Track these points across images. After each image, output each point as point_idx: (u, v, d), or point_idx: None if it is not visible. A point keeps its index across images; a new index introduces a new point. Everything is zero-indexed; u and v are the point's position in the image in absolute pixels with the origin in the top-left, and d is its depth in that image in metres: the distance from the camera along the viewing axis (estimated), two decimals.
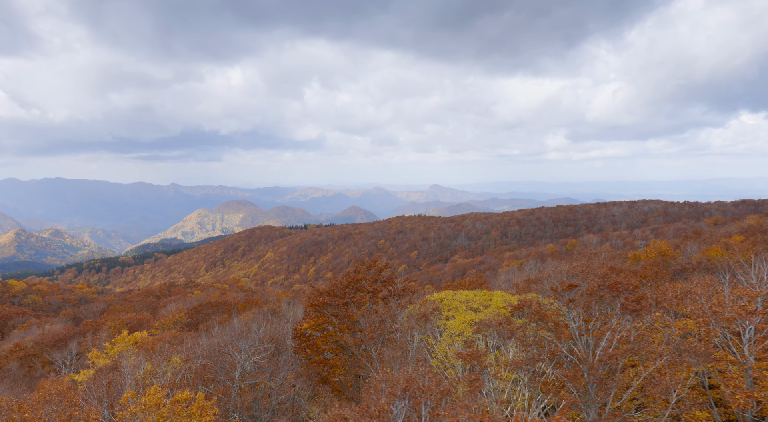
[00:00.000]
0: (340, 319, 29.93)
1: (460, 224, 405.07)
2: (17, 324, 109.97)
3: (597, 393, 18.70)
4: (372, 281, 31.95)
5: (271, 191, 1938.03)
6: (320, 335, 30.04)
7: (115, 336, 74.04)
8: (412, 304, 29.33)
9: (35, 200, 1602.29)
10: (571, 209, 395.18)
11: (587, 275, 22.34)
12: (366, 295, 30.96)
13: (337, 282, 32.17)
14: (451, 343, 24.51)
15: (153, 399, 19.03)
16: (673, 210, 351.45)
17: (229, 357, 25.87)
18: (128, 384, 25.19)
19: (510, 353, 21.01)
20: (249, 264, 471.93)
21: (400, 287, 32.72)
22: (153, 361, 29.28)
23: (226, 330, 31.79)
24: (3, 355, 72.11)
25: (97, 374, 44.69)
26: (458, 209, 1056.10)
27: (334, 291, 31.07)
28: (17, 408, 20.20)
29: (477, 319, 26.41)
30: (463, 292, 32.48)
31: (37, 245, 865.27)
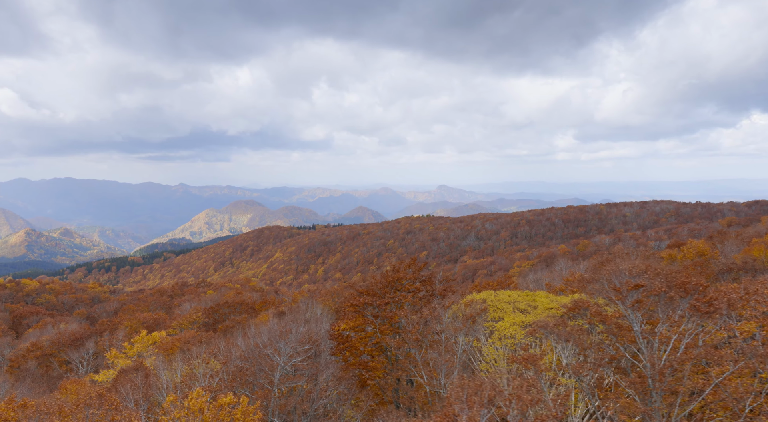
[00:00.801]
0: (381, 320, 28.99)
1: (470, 224, 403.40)
2: (31, 323, 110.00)
3: (663, 401, 17.69)
4: (412, 280, 31.01)
5: (278, 192, 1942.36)
6: (358, 336, 29.12)
7: (132, 336, 73.55)
8: (456, 305, 28.35)
9: (45, 200, 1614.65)
10: (582, 209, 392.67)
11: (653, 274, 21.28)
12: (407, 295, 29.99)
13: (375, 282, 31.25)
14: (502, 346, 23.50)
15: (196, 404, 18.19)
16: (686, 211, 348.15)
17: (268, 359, 24.98)
18: (165, 386, 24.41)
19: (565, 357, 20.00)
20: (258, 264, 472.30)
21: (441, 287, 31.77)
22: (189, 362, 28.45)
23: (262, 330, 30.95)
24: (20, 354, 71.79)
25: (120, 374, 44.03)
26: (466, 209, 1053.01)
27: (374, 291, 30.13)
28: (58, 411, 19.46)
29: (527, 321, 25.41)
30: (506, 292, 31.45)
31: (47, 245, 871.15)
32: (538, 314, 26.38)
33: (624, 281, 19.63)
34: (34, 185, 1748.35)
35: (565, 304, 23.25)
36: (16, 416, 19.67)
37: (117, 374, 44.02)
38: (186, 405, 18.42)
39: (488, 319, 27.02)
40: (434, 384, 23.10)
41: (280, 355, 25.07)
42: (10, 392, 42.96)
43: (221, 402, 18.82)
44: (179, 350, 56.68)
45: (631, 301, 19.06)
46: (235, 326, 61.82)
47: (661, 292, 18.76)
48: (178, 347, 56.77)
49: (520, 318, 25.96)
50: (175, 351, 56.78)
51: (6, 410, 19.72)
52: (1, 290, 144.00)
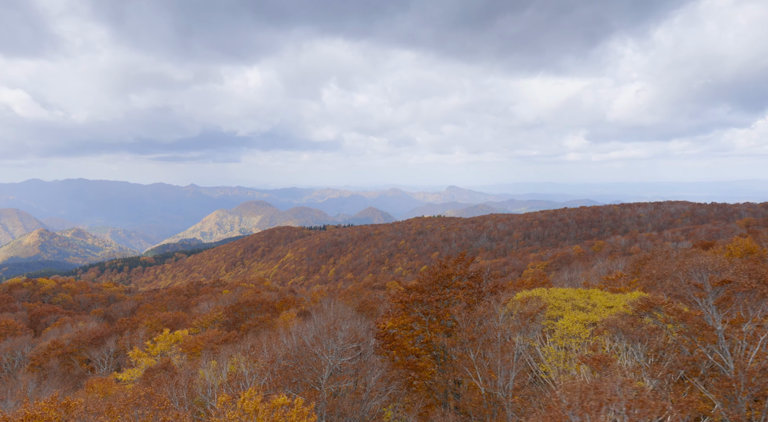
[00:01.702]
0: (430, 318, 27.80)
1: (482, 224, 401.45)
2: (49, 322, 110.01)
3: (749, 406, 16.43)
4: (461, 276, 29.81)
5: (288, 192, 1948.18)
6: (406, 334, 27.95)
7: (152, 335, 72.96)
8: (511, 302, 27.08)
9: (58, 201, 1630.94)
10: (595, 210, 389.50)
11: (740, 271, 19.98)
12: (459, 291, 28.76)
13: (424, 278, 30.06)
14: (564, 346, 22.27)
15: (251, 404, 17.17)
16: (701, 211, 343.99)
17: (315, 358, 23.87)
18: (210, 385, 23.44)
19: (634, 358, 18.78)
20: (269, 264, 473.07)
21: (491, 283, 30.56)
22: (233, 361, 27.47)
23: (308, 327, 29.83)
24: (41, 353, 71.41)
25: (147, 373, 43.24)
26: (475, 210, 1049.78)
27: (422, 287, 28.95)
28: (107, 411, 18.55)
29: (590, 319, 24.13)
30: (559, 290, 30.15)
31: (60, 245, 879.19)
32: (600, 313, 25.08)
33: (708, 277, 18.31)
34: (48, 185, 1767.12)
35: (632, 301, 21.96)
36: (59, 416, 18.81)
37: (144, 373, 43.24)
38: (240, 407, 17.41)
39: (545, 317, 25.81)
40: (490, 386, 21.91)
41: (329, 353, 23.95)
42: (38, 390, 42.32)
43: (275, 403, 17.80)
44: (203, 349, 55.91)
45: (716, 298, 17.80)
46: (259, 325, 60.99)
47: (750, 289, 17.51)
48: (202, 346, 55.99)
49: (581, 316, 24.64)
50: (199, 350, 56.03)
51: (48, 409, 18.88)
52: (18, 289, 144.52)
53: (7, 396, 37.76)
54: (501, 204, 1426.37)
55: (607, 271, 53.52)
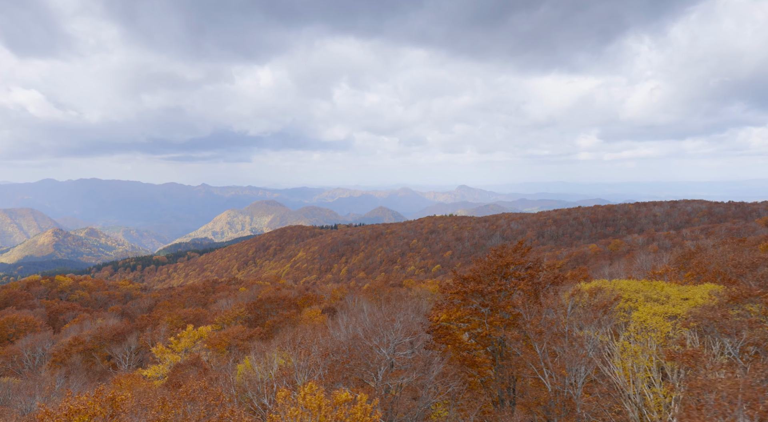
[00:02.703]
0: (489, 310, 26.19)
1: (495, 223, 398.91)
2: (68, 319, 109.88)
3: None
4: (519, 266, 28.19)
5: (299, 192, 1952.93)
6: (462, 328, 26.46)
7: (173, 331, 72.10)
8: (579, 294, 25.48)
9: (72, 200, 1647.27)
10: (610, 208, 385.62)
11: None
12: (519, 282, 27.11)
13: (479, 267, 28.48)
14: (643, 340, 20.60)
15: (314, 400, 15.81)
16: (718, 210, 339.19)
17: (369, 352, 22.45)
18: (259, 379, 22.16)
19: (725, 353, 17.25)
20: (281, 263, 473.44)
21: (551, 274, 28.98)
22: (283, 355, 26.13)
23: (362, 318, 28.42)
24: (63, 349, 70.82)
25: (176, 369, 42.17)
26: (486, 210, 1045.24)
27: (479, 277, 27.38)
28: (160, 405, 17.35)
29: (670, 311, 22.48)
30: (622, 281, 28.51)
31: (74, 244, 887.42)
32: (678, 305, 23.39)
33: None
34: (61, 185, 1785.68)
35: (717, 292, 20.37)
36: (104, 411, 17.64)
37: (172, 369, 42.15)
38: (301, 402, 16.06)
39: (616, 310, 24.15)
40: (558, 383, 20.43)
41: (386, 347, 22.50)
42: (65, 386, 41.41)
43: (338, 399, 16.43)
44: (229, 345, 54.82)
45: None
46: (284, 321, 59.83)
47: None
48: (227, 342, 54.91)
49: (659, 308, 22.97)
50: (224, 346, 54.95)
51: (93, 404, 17.72)
52: (36, 286, 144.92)
53: (35, 392, 36.91)
54: (512, 204, 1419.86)
55: (651, 265, 51.66)
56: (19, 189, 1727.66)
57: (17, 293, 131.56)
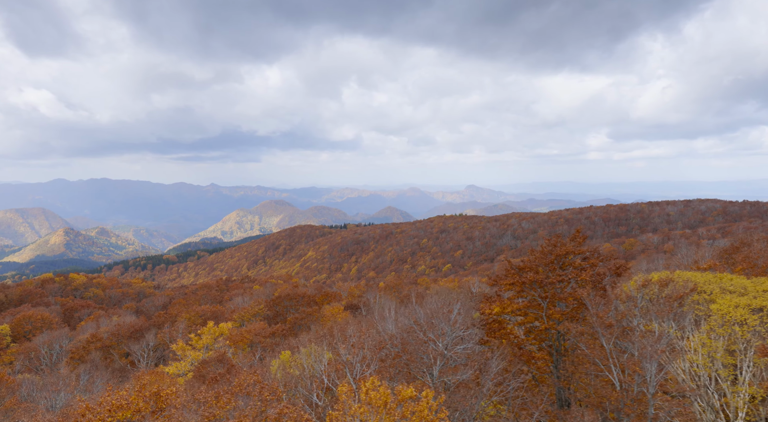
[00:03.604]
0: (548, 302, 24.73)
1: (506, 223, 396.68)
2: (83, 316, 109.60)
3: None
4: (578, 255, 26.66)
5: (307, 192, 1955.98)
6: (516, 321, 25.06)
7: (191, 329, 71.24)
8: (648, 285, 24.02)
9: (82, 200, 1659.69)
10: (622, 208, 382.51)
11: None
12: (581, 272, 25.59)
13: (535, 257, 27.05)
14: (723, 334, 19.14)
15: (380, 396, 14.56)
16: (733, 210, 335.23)
17: (423, 346, 21.11)
18: (308, 375, 20.98)
19: None
20: (290, 263, 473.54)
21: (612, 264, 27.51)
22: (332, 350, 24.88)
23: (415, 309, 27.07)
24: (81, 346, 70.18)
25: (201, 366, 41.15)
26: (495, 209, 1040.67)
27: (536, 267, 25.94)
28: (214, 401, 16.24)
29: (753, 304, 20.92)
30: (686, 272, 27.08)
31: (85, 244, 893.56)
32: (759, 296, 21.84)
33: None
34: (72, 185, 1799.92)
35: None
36: (147, 406, 16.56)
37: (198, 365, 41.12)
38: (364, 398, 14.85)
39: (689, 302, 22.67)
40: (629, 381, 19.04)
41: (441, 340, 21.11)
42: (90, 382, 40.54)
43: (404, 395, 15.16)
44: (251, 341, 53.80)
45: None
46: (306, 318, 58.76)
47: None
48: (249, 339, 53.90)
49: (743, 300, 21.37)
50: (245, 343, 53.93)
51: (136, 399, 16.64)
52: (50, 284, 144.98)
53: (60, 388, 36.03)
54: (520, 204, 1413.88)
55: (692, 260, 50.01)
56: (31, 189, 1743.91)
57: (32, 291, 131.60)
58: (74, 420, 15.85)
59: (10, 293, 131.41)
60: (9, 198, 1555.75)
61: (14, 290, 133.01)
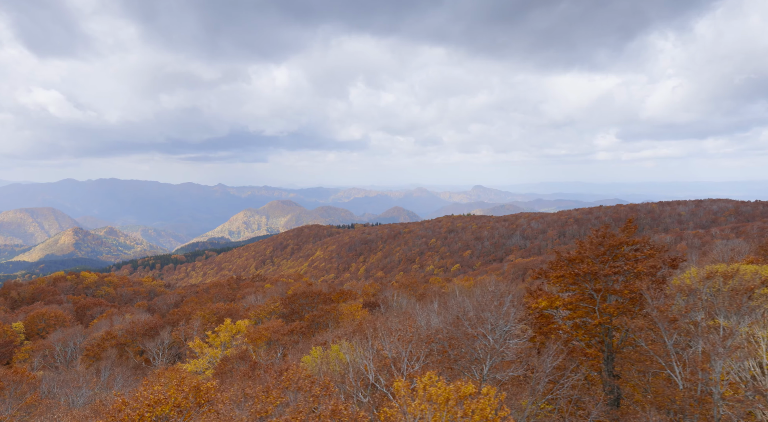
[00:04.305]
0: (602, 295, 23.67)
1: (514, 223, 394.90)
2: (95, 314, 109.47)
3: None
4: (631, 246, 25.59)
5: (314, 192, 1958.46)
6: (565, 315, 24.02)
7: (206, 326, 70.63)
8: (713, 278, 22.86)
9: (91, 200, 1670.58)
10: (632, 208, 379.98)
11: None
12: (637, 263, 24.44)
13: (585, 248, 25.96)
14: None
15: (441, 392, 13.63)
16: (745, 209, 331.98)
17: (471, 340, 20.09)
18: (351, 371, 20.12)
19: None
20: (298, 263, 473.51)
21: (666, 256, 26.38)
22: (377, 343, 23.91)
23: (464, 301, 26.12)
24: (96, 344, 69.76)
25: (223, 363, 40.44)
26: (502, 210, 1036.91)
27: (587, 258, 24.83)
28: (264, 396, 15.43)
29: None
30: (752, 266, 25.92)
31: (93, 243, 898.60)
32: None
33: None
34: (81, 185, 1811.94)
35: None
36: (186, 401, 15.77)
37: (220, 362, 40.41)
38: (421, 394, 13.94)
39: (756, 296, 21.58)
40: (690, 379, 18.02)
41: (492, 334, 20.09)
42: (111, 379, 39.95)
43: (464, 392, 14.21)
44: (269, 339, 53.10)
45: None
46: (325, 315, 58.00)
47: None
48: (267, 336, 53.20)
49: None
50: (263, 340, 53.24)
51: (175, 393, 15.88)
52: (62, 282, 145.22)
53: (81, 384, 35.43)
54: (528, 204, 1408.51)
55: (728, 257, 48.93)
56: (41, 189, 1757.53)
57: (44, 289, 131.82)
58: (111, 416, 15.14)
59: (23, 291, 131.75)
60: (19, 198, 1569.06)
61: (27, 288, 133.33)
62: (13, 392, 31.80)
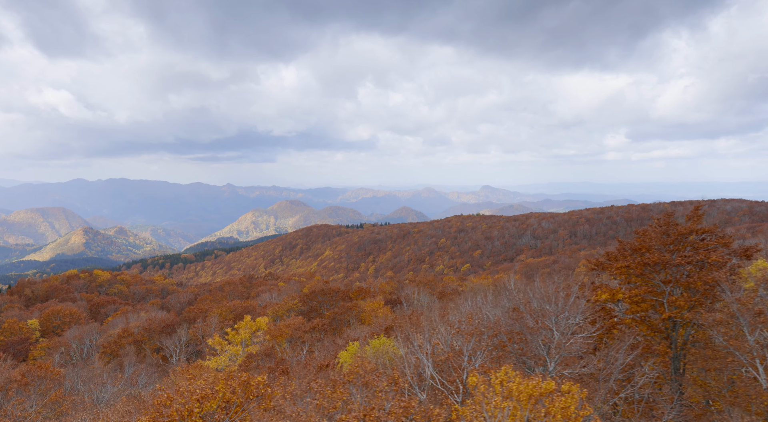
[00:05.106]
0: (672, 287, 22.32)
1: (525, 223, 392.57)
2: (109, 312, 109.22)
3: None
4: (700, 235, 24.08)
5: (322, 192, 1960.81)
6: (627, 309, 22.72)
7: (223, 324, 69.85)
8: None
9: (101, 200, 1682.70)
10: (644, 207, 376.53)
11: None
12: (710, 253, 22.96)
13: (648, 237, 24.48)
14: None
15: (524, 388, 12.48)
16: (760, 210, 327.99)
17: (533, 334, 18.83)
18: (407, 364, 19.00)
19: None
20: (307, 262, 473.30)
21: (739, 246, 24.91)
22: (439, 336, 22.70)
23: (527, 290, 24.83)
24: (112, 341, 69.19)
25: (249, 359, 39.50)
26: (511, 210, 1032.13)
27: (651, 248, 23.42)
28: (329, 391, 14.40)
29: None
30: None
31: (103, 243, 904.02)
32: None
33: None
34: (91, 185, 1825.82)
35: None
36: (234, 396, 14.77)
37: (245, 358, 39.47)
38: (498, 390, 12.82)
39: None
40: None
41: (557, 327, 18.85)
42: (135, 375, 39.13)
43: (546, 388, 13.04)
44: (290, 336, 52.14)
45: None
46: (346, 312, 56.97)
47: None
48: (288, 334, 52.22)
49: None
50: (284, 338, 52.27)
51: (224, 388, 14.88)
52: (76, 280, 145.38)
53: (106, 380, 34.63)
54: (536, 204, 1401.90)
55: None
56: (51, 189, 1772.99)
57: (58, 287, 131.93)
58: (157, 410, 14.18)
59: (37, 289, 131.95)
60: (30, 198, 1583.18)
61: (41, 286, 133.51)
62: (37, 388, 31.09)
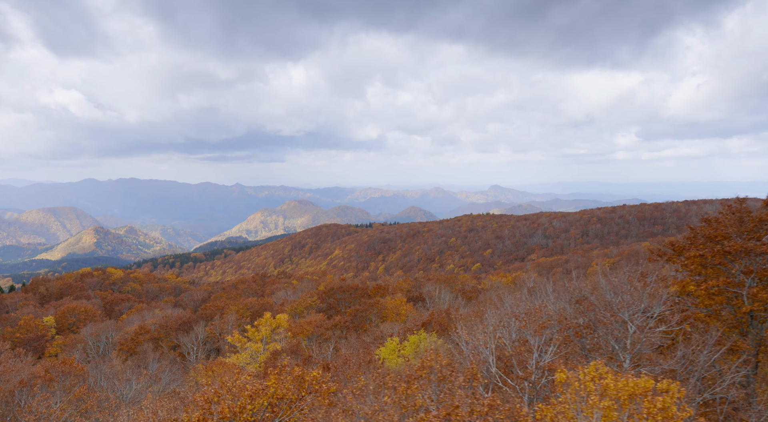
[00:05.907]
0: (753, 279, 20.80)
1: (536, 222, 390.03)
2: (123, 310, 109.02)
3: None
4: None
5: (331, 192, 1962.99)
6: (703, 302, 21.15)
7: (240, 321, 69.10)
8: None
9: (111, 199, 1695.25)
10: (657, 207, 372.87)
11: None
12: None
13: (721, 223, 22.81)
14: None
15: (622, 386, 11.28)
16: None
17: (609, 328, 17.46)
18: (481, 359, 17.89)
19: None
20: (317, 261, 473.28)
21: None
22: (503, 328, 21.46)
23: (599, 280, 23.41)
24: (129, 338, 68.60)
25: (274, 356, 38.54)
26: (519, 210, 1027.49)
27: (729, 234, 21.66)
28: (404, 387, 13.35)
29: None
30: None
31: (114, 242, 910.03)
32: None
33: None
34: (102, 185, 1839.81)
35: None
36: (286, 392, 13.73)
37: (270, 355, 38.51)
38: (591, 387, 11.65)
39: None
40: None
41: (634, 317, 17.52)
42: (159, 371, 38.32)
43: (644, 387, 11.83)
44: (311, 334, 51.18)
45: None
46: (368, 309, 55.95)
47: None
48: (310, 331, 51.25)
49: None
50: (305, 335, 51.30)
51: (277, 383, 13.84)
52: (89, 278, 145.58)
53: (131, 377, 33.83)
54: (545, 204, 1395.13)
55: None
56: (62, 189, 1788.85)
57: (72, 285, 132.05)
58: (205, 407, 13.21)
59: (51, 287, 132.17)
60: (42, 198, 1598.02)
61: (55, 284, 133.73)
62: (61, 384, 30.34)
